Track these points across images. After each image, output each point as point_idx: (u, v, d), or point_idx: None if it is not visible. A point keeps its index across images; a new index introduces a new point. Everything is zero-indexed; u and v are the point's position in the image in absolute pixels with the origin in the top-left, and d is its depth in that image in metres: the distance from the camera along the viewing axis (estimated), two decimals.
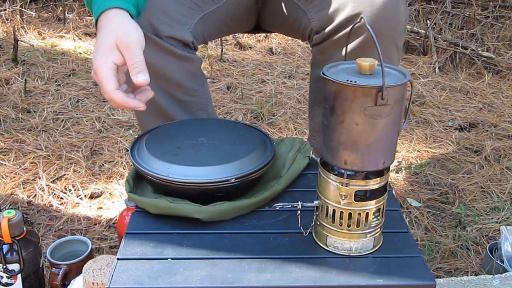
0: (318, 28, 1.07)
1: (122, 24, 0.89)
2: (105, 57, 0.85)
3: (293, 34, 1.23)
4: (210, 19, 1.12)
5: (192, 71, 1.11)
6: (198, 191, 0.85)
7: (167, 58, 1.05)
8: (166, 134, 0.97)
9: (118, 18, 0.90)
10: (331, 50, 1.06)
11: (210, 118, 1.14)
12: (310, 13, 1.09)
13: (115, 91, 0.84)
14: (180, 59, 1.06)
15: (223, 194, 0.86)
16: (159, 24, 1.01)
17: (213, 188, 0.84)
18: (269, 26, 1.28)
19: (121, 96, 0.84)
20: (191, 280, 0.71)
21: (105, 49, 0.86)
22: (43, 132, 1.75)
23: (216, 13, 1.13)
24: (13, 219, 0.96)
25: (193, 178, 0.84)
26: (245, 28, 1.30)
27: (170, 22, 1.02)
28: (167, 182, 0.84)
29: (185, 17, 1.07)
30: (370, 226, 0.76)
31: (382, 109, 0.68)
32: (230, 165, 0.86)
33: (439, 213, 1.41)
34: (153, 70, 1.03)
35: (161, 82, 1.08)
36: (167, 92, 1.09)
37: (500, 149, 1.75)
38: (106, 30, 0.88)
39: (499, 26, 2.85)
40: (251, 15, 1.24)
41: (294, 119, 1.92)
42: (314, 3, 1.08)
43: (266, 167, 0.90)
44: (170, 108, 1.11)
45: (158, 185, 0.87)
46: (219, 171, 0.85)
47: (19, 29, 2.68)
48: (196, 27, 1.08)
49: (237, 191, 0.88)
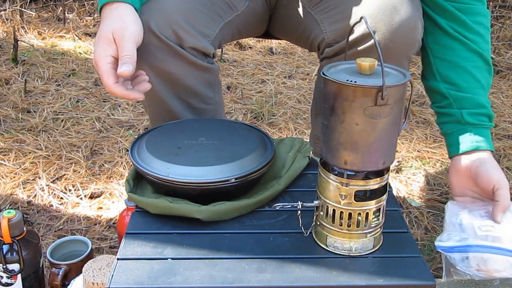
0: (331, 41, 1.04)
1: (121, 17, 0.92)
2: (103, 51, 0.89)
3: (301, 43, 1.20)
4: (227, 28, 1.12)
5: (211, 80, 1.11)
6: (198, 191, 0.85)
7: (188, 68, 1.04)
8: (166, 134, 0.97)
9: (119, 11, 0.93)
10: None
11: (210, 118, 1.14)
12: (323, 24, 1.06)
13: (114, 85, 0.89)
14: (201, 69, 1.06)
15: (223, 194, 0.86)
16: (184, 35, 1.00)
17: (213, 188, 0.84)
18: (279, 33, 1.27)
19: (120, 89, 0.89)
20: (191, 280, 0.71)
21: (103, 41, 0.90)
22: (43, 132, 1.75)
23: (233, 22, 1.13)
24: (13, 219, 0.96)
25: (193, 178, 0.84)
26: (255, 34, 1.29)
27: (194, 32, 1.02)
28: (167, 182, 0.84)
29: (207, 27, 1.06)
30: (370, 226, 0.76)
31: (382, 109, 0.68)
32: (230, 165, 0.86)
33: (439, 213, 1.41)
34: (172, 79, 1.04)
35: (179, 91, 1.08)
36: (184, 100, 1.09)
37: (500, 149, 1.75)
38: (106, 21, 0.92)
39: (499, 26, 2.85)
40: (264, 21, 1.24)
41: (294, 119, 1.92)
42: (328, 14, 1.05)
43: (266, 167, 0.90)
44: (187, 116, 1.11)
45: (158, 185, 0.87)
46: (219, 171, 0.85)
47: (19, 29, 2.68)
48: (216, 36, 1.08)
49: (237, 191, 0.88)
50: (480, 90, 1.06)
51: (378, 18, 0.97)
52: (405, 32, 0.98)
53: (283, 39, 1.32)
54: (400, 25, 0.97)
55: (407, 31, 0.98)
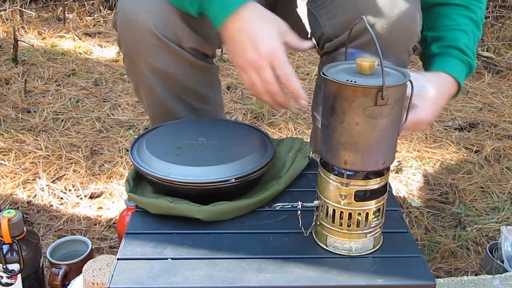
0: (330, 35, 1.05)
1: (275, 16, 0.89)
2: (276, 40, 0.84)
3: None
4: None
5: (210, 80, 1.11)
6: (198, 191, 0.85)
7: (188, 68, 1.04)
8: (166, 134, 0.97)
9: (262, 10, 0.88)
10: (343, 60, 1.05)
11: (210, 118, 1.13)
12: (322, 19, 1.06)
13: (295, 78, 0.85)
14: (200, 69, 1.06)
15: (223, 194, 0.86)
16: (184, 35, 1.00)
17: (213, 188, 0.84)
18: None
19: (297, 82, 0.85)
20: (191, 280, 0.71)
21: (272, 33, 0.85)
22: (43, 132, 1.75)
23: None
24: (13, 219, 0.96)
25: (193, 178, 0.84)
26: None
27: (194, 33, 1.02)
28: (167, 182, 0.84)
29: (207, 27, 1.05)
30: (370, 226, 0.76)
31: (382, 109, 0.68)
32: (230, 165, 0.86)
33: (439, 213, 1.41)
34: (172, 80, 1.04)
35: (179, 91, 1.08)
36: (184, 100, 1.09)
37: (500, 149, 1.75)
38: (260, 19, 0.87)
39: (499, 26, 2.85)
40: None
41: (294, 119, 1.92)
42: (326, 9, 1.05)
43: (266, 167, 0.90)
44: (186, 116, 1.11)
45: (158, 185, 0.87)
46: (219, 171, 0.85)
47: (19, 29, 2.68)
48: (216, 36, 1.08)
49: (237, 191, 0.88)
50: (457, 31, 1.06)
51: (377, 12, 0.97)
52: (404, 25, 0.99)
53: None
54: (399, 17, 0.97)
55: (406, 23, 0.99)
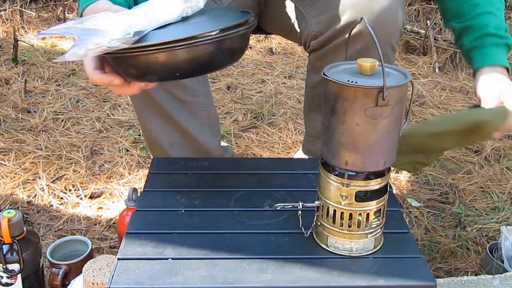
0: (316, 33, 1.06)
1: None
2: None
3: (292, 37, 1.22)
4: None
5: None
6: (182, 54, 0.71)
7: None
8: None
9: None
10: (330, 56, 1.06)
11: None
12: (309, 17, 1.08)
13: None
14: None
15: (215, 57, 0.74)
16: None
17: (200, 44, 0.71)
18: (270, 27, 1.27)
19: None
20: (192, 280, 0.71)
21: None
22: (43, 132, 1.75)
23: None
24: (13, 219, 0.96)
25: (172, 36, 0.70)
26: None
27: None
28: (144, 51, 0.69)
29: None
30: (371, 226, 0.76)
31: (383, 109, 0.68)
32: (212, 21, 0.76)
33: (439, 213, 1.41)
34: None
35: (164, 83, 1.07)
36: (169, 92, 1.09)
37: (500, 149, 1.75)
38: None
39: None
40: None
41: (294, 119, 1.92)
42: (313, 7, 1.07)
43: (252, 22, 0.79)
44: (172, 108, 1.11)
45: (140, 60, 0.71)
46: (201, 26, 0.73)
47: (19, 29, 2.68)
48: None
49: (227, 52, 0.76)
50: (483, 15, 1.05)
51: (359, 8, 0.99)
52: (386, 19, 1.00)
53: (275, 33, 1.33)
54: (380, 13, 0.99)
55: (387, 19, 1.00)
